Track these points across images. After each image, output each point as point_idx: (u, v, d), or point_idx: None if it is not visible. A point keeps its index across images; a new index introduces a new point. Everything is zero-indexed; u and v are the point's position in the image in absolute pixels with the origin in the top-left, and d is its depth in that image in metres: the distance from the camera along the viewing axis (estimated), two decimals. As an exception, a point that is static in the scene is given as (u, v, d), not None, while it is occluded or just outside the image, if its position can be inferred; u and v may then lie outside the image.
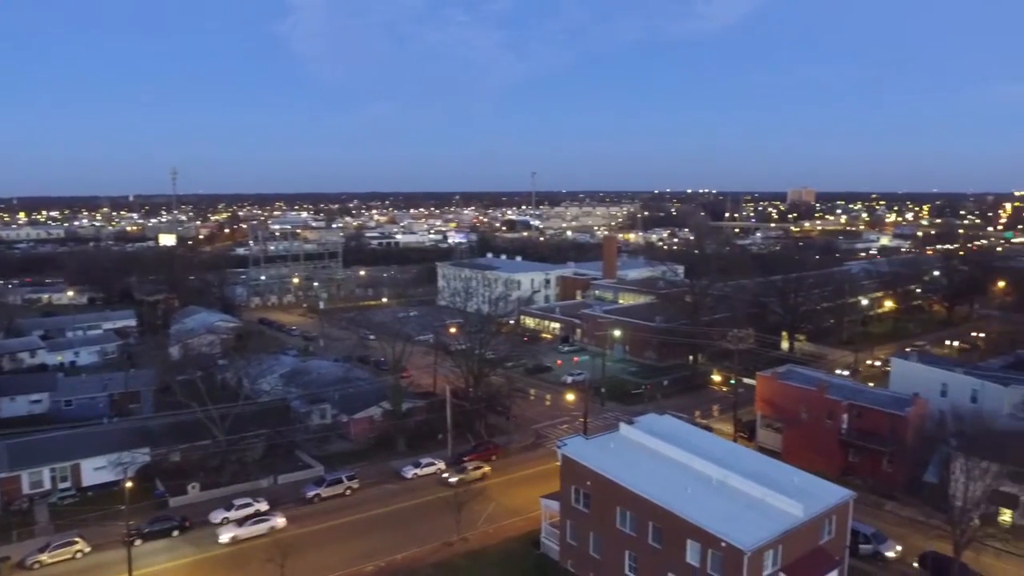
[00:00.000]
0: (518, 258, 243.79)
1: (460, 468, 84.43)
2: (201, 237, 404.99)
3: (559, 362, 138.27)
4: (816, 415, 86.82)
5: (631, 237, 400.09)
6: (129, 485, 69.00)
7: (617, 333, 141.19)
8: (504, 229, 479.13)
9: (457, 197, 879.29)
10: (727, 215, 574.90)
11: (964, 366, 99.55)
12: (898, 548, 66.62)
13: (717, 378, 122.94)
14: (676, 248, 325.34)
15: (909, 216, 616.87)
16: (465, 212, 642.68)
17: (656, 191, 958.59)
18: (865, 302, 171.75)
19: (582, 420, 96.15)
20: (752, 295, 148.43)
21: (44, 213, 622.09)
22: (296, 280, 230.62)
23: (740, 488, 56.35)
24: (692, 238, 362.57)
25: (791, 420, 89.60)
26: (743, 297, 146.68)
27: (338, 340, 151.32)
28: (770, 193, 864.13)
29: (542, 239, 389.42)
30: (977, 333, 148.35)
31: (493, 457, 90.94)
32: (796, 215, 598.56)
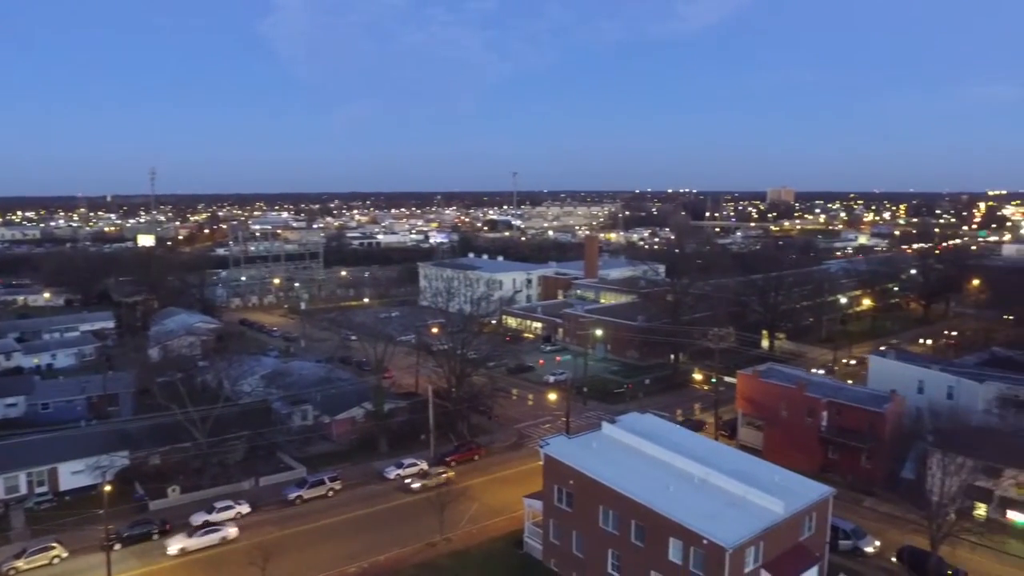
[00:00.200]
0: (500, 258, 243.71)
1: (423, 474, 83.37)
2: (180, 238, 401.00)
3: (541, 362, 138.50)
4: (796, 413, 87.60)
5: (612, 237, 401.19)
6: (108, 489, 68.05)
7: (599, 332, 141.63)
8: (486, 229, 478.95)
9: (439, 197, 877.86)
10: (708, 215, 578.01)
11: (940, 363, 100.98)
12: (877, 543, 67.45)
13: (698, 377, 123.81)
14: (657, 248, 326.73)
15: (886, 215, 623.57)
16: (447, 212, 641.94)
17: (637, 191, 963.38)
18: (844, 300, 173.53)
19: (564, 419, 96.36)
20: (732, 294, 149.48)
21: (19, 213, 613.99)
22: (277, 281, 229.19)
23: (722, 486, 56.82)
24: (673, 238, 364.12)
25: (772, 418, 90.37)
26: (724, 296, 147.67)
27: (319, 341, 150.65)
28: (750, 193, 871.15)
29: (524, 239, 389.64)
30: (949, 331, 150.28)
31: (476, 457, 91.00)
32: (776, 214, 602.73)
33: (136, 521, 71.57)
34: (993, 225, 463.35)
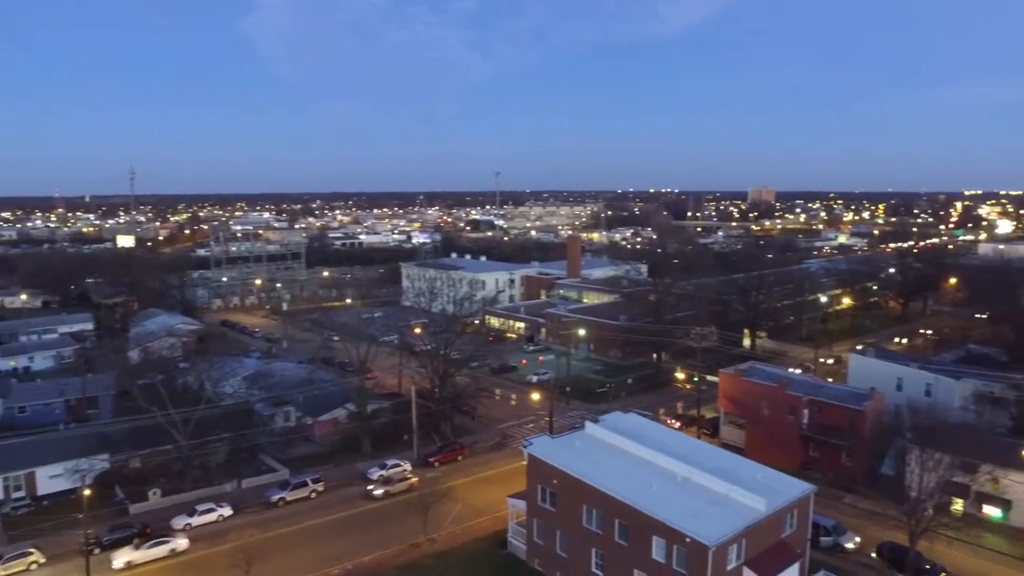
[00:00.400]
0: (482, 258, 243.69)
1: (385, 480, 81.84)
2: (161, 238, 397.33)
3: (524, 362, 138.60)
4: (778, 411, 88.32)
5: (595, 236, 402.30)
6: (87, 493, 67.32)
7: (582, 332, 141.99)
8: (468, 229, 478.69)
9: (421, 197, 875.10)
10: (689, 214, 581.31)
11: (918, 361, 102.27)
12: (857, 539, 68.20)
13: (681, 376, 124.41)
14: (639, 247, 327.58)
15: (866, 215, 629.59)
16: (429, 212, 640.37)
17: (619, 191, 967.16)
18: (824, 299, 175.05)
19: (548, 419, 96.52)
20: (714, 293, 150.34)
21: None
22: (259, 281, 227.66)
23: (704, 484, 57.17)
24: (655, 237, 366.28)
25: (754, 416, 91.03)
26: (705, 295, 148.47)
27: (302, 342, 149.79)
28: (731, 192, 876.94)
29: (506, 239, 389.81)
30: (926, 330, 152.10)
31: (459, 457, 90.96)
32: (757, 214, 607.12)
33: (116, 525, 70.83)
34: (969, 225, 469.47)
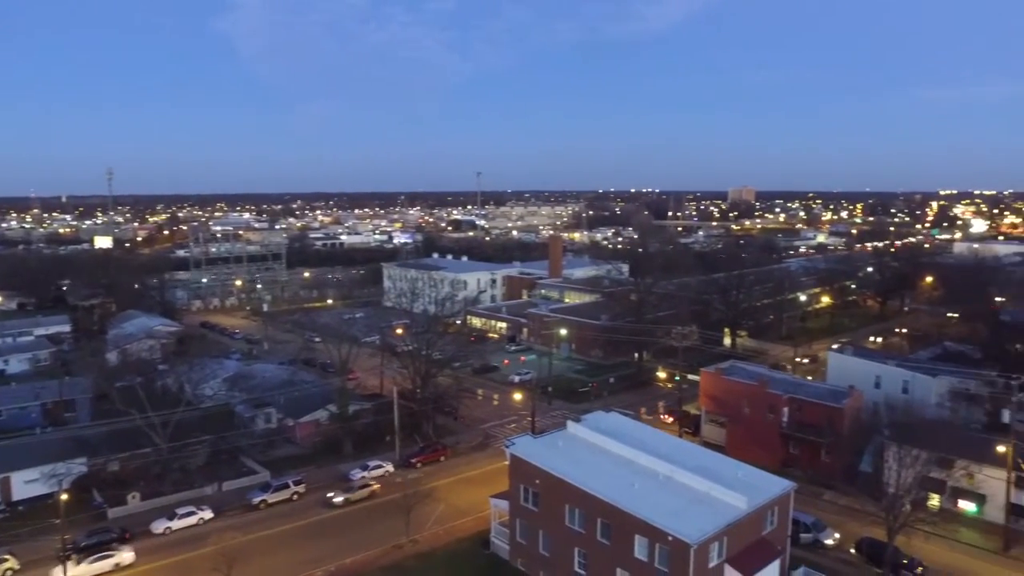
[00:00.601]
0: (464, 258, 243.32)
1: (347, 487, 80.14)
2: (139, 239, 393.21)
3: (506, 362, 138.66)
4: (758, 409, 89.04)
5: (576, 236, 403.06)
6: (64, 498, 66.61)
7: (563, 332, 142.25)
8: (450, 229, 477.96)
9: (402, 197, 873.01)
10: (670, 214, 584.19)
11: (896, 359, 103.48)
12: (836, 536, 68.95)
13: (662, 375, 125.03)
14: (620, 247, 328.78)
15: (844, 214, 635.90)
16: (410, 212, 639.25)
17: (600, 191, 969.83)
18: (803, 298, 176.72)
19: (530, 419, 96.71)
20: (695, 293, 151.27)
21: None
22: (239, 282, 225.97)
23: (686, 483, 57.55)
24: (636, 237, 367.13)
25: (734, 415, 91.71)
26: (686, 295, 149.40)
27: (283, 343, 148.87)
28: (711, 192, 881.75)
29: (488, 239, 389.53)
30: (901, 328, 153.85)
31: (442, 458, 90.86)
32: (737, 214, 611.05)
33: (94, 530, 70.01)
34: (945, 224, 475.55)
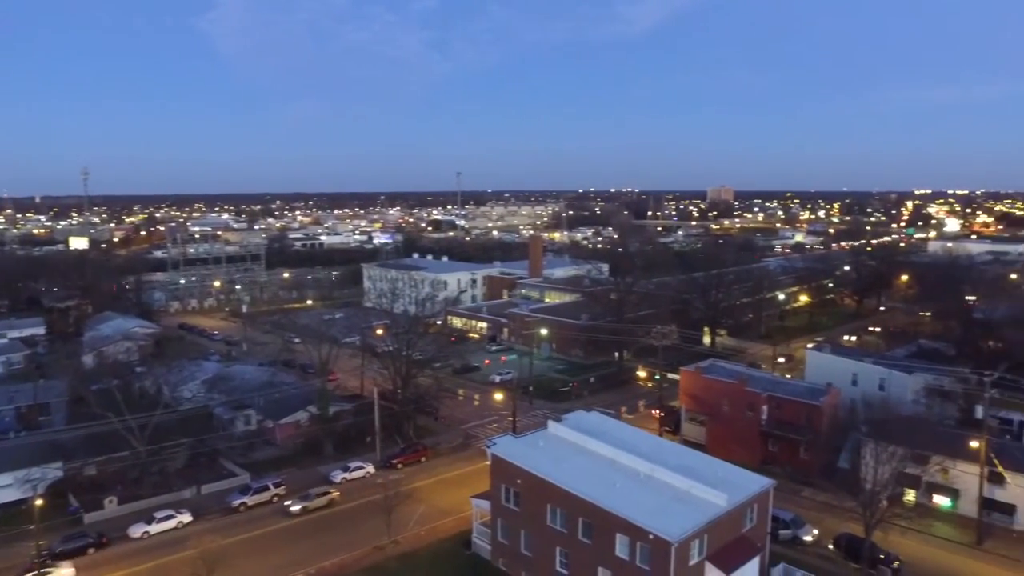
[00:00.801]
0: (444, 258, 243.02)
1: (305, 496, 77.51)
2: (116, 240, 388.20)
3: (487, 362, 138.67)
4: (737, 407, 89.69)
5: (556, 236, 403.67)
6: (39, 503, 65.79)
7: (544, 331, 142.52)
8: (430, 229, 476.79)
9: (382, 197, 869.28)
10: (650, 214, 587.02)
11: (872, 356, 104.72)
12: (815, 532, 69.67)
13: (643, 374, 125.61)
14: (601, 247, 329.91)
15: (821, 214, 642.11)
16: (390, 212, 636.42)
17: (580, 190, 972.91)
18: (782, 297, 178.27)
19: (511, 419, 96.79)
20: (675, 292, 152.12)
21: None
22: (217, 283, 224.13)
23: (667, 481, 57.85)
24: (616, 237, 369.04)
25: (714, 413, 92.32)
26: (666, 294, 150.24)
27: (262, 344, 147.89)
28: (691, 192, 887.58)
29: (468, 239, 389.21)
30: (875, 326, 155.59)
31: (423, 459, 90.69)
32: (716, 213, 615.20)
33: (69, 535, 69.00)
34: (920, 223, 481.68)
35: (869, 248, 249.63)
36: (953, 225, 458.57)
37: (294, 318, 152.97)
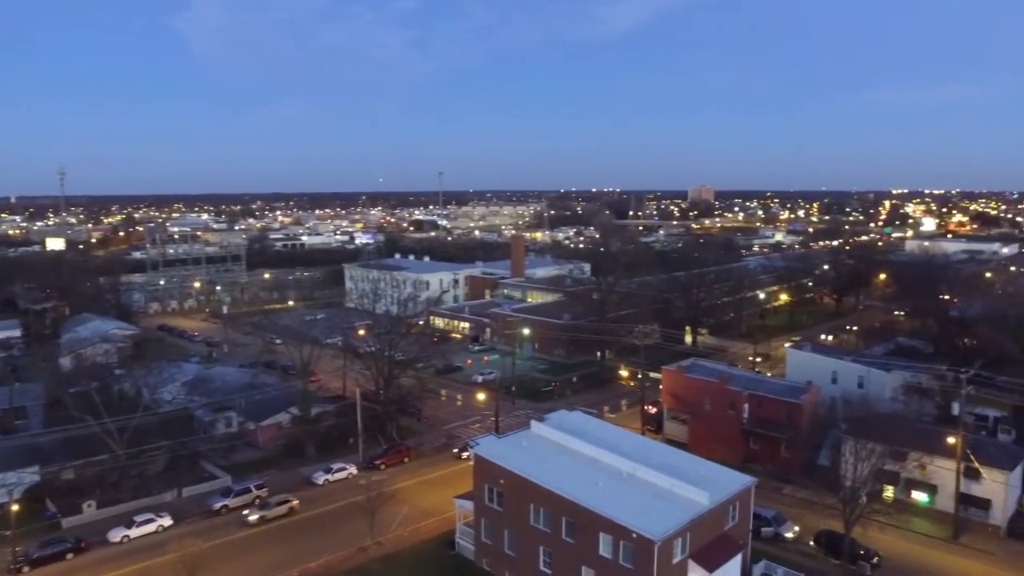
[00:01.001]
0: (426, 258, 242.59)
1: (263, 505, 75.82)
2: (93, 241, 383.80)
3: (469, 362, 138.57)
4: (719, 406, 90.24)
5: (538, 236, 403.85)
6: (15, 508, 64.89)
7: (526, 331, 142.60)
8: (412, 229, 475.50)
9: (363, 197, 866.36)
10: (631, 213, 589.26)
11: (851, 354, 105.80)
12: (796, 529, 70.33)
13: (625, 373, 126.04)
14: (582, 246, 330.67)
15: (801, 213, 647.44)
16: (372, 212, 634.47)
17: (562, 190, 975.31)
18: (762, 296, 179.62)
19: (494, 419, 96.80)
20: (656, 291, 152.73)
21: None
22: (197, 284, 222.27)
23: (649, 480, 58.16)
24: (598, 236, 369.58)
25: (696, 412, 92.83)
26: (648, 293, 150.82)
27: (243, 345, 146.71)
28: (672, 192, 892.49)
29: (450, 239, 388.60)
30: (853, 325, 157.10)
31: (405, 459, 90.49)
32: (696, 213, 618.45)
33: (47, 541, 68.01)
34: (897, 222, 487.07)
35: (848, 247, 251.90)
36: (929, 224, 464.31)
37: (275, 319, 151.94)
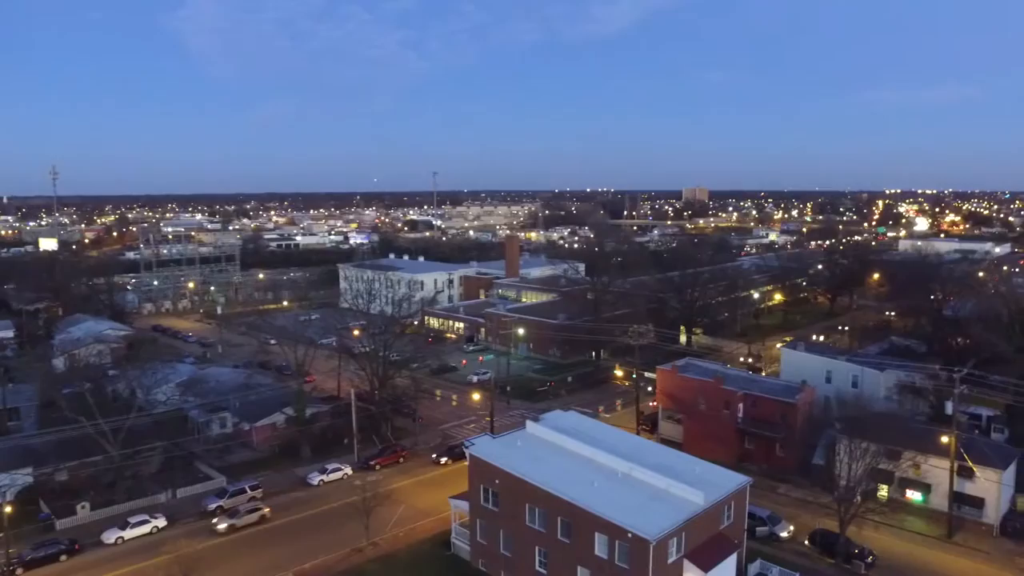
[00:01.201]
0: (421, 258, 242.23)
1: (232, 512, 74.00)
2: (87, 241, 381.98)
3: (464, 362, 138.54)
4: (714, 405, 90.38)
5: (533, 236, 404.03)
6: (8, 510, 64.59)
7: (521, 331, 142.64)
8: (406, 229, 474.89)
9: (358, 197, 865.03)
10: (625, 213, 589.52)
11: (845, 354, 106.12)
12: (791, 528, 70.49)
13: (619, 373, 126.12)
14: (577, 246, 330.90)
15: (795, 213, 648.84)
16: (366, 212, 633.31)
17: (557, 190, 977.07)
18: (756, 295, 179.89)
19: (489, 419, 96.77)
20: (651, 291, 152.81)
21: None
22: (191, 285, 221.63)
23: (644, 480, 58.22)
24: (592, 236, 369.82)
25: (691, 411, 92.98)
26: (642, 293, 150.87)
27: (237, 346, 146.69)
28: (666, 192, 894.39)
29: (444, 239, 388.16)
30: (845, 325, 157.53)
31: (401, 460, 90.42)
32: (691, 213, 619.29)
33: (40, 543, 67.71)
34: (890, 222, 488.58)
35: (841, 247, 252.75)
36: (922, 224, 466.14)
37: (270, 319, 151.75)
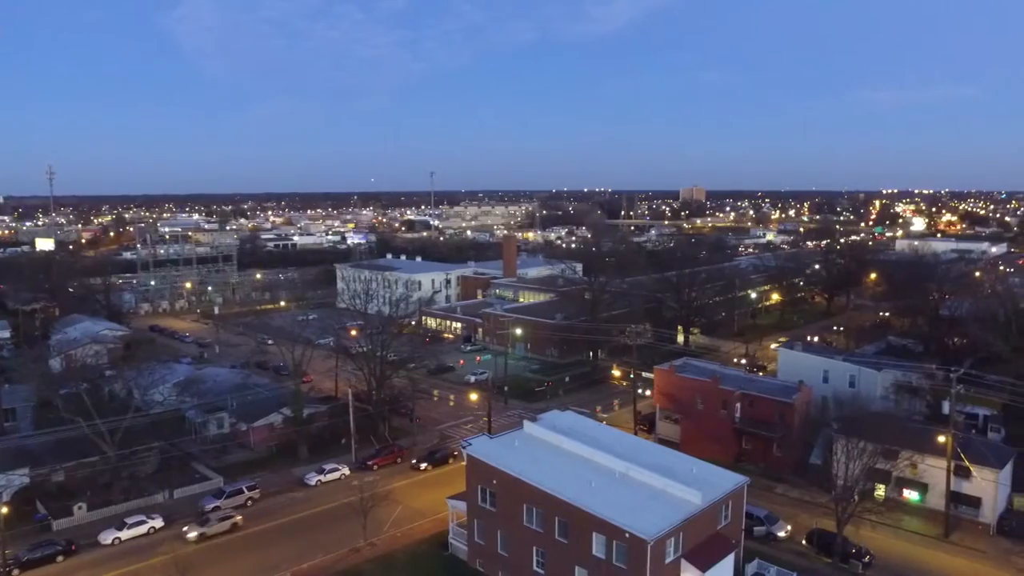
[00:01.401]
0: (418, 258, 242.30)
1: (203, 521, 72.09)
2: (83, 241, 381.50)
3: (461, 362, 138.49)
4: (711, 405, 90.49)
5: (530, 236, 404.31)
6: (4, 511, 64.40)
7: (518, 331, 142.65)
8: (403, 229, 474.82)
9: (355, 197, 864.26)
10: (623, 213, 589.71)
11: (843, 353, 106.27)
12: (788, 528, 70.53)
13: (617, 373, 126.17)
14: (574, 246, 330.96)
15: (792, 213, 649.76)
16: (363, 212, 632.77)
17: (554, 190, 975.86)
18: (754, 295, 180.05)
19: (486, 419, 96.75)
20: (648, 291, 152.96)
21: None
22: (188, 285, 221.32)
23: (642, 480, 58.25)
24: (590, 236, 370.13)
25: (688, 411, 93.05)
26: (640, 293, 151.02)
27: (234, 346, 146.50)
28: (663, 192, 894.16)
29: (442, 239, 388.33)
30: (841, 325, 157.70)
31: (398, 460, 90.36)
32: (688, 212, 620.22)
33: (37, 544, 67.58)
34: (887, 222, 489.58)
35: (838, 247, 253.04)
36: (919, 224, 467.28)
37: (267, 319, 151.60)
